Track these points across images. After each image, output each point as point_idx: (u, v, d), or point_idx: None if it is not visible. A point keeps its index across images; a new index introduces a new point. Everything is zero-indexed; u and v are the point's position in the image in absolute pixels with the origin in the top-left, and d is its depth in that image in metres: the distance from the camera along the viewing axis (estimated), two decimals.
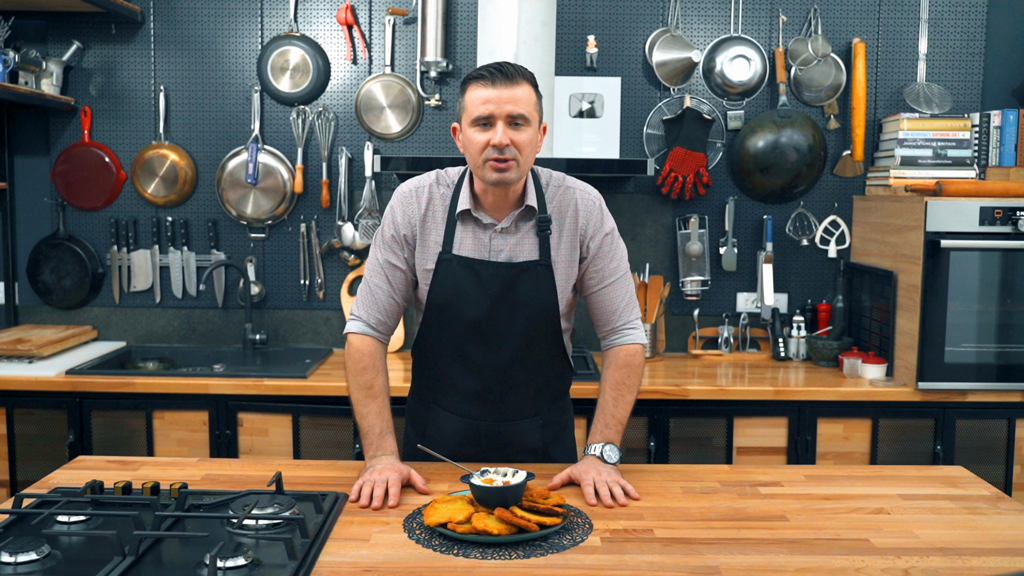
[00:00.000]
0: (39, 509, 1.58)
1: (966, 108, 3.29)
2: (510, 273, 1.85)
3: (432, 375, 1.98)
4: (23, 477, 2.84)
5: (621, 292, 1.94)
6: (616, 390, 1.91)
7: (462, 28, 3.27)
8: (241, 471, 1.91)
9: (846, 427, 2.83)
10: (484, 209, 1.87)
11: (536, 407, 1.98)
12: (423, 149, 3.30)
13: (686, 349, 3.36)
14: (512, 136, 1.75)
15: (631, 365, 1.93)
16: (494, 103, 1.74)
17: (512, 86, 1.75)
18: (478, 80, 1.76)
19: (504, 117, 1.74)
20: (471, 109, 1.77)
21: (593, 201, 1.91)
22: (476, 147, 1.77)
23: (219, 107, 3.32)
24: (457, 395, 1.95)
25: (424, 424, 2.02)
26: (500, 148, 1.74)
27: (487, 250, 1.86)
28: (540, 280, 1.86)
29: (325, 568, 1.42)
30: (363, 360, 1.89)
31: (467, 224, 1.87)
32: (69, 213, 3.36)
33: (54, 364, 2.95)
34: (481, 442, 1.96)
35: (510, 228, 1.86)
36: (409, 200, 1.89)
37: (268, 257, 3.37)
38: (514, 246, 1.86)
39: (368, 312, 1.92)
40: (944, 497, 1.79)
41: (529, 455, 1.98)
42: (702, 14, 3.30)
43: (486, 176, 1.78)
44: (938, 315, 2.77)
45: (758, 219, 3.35)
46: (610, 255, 1.92)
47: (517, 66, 1.78)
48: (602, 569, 1.43)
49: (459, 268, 1.85)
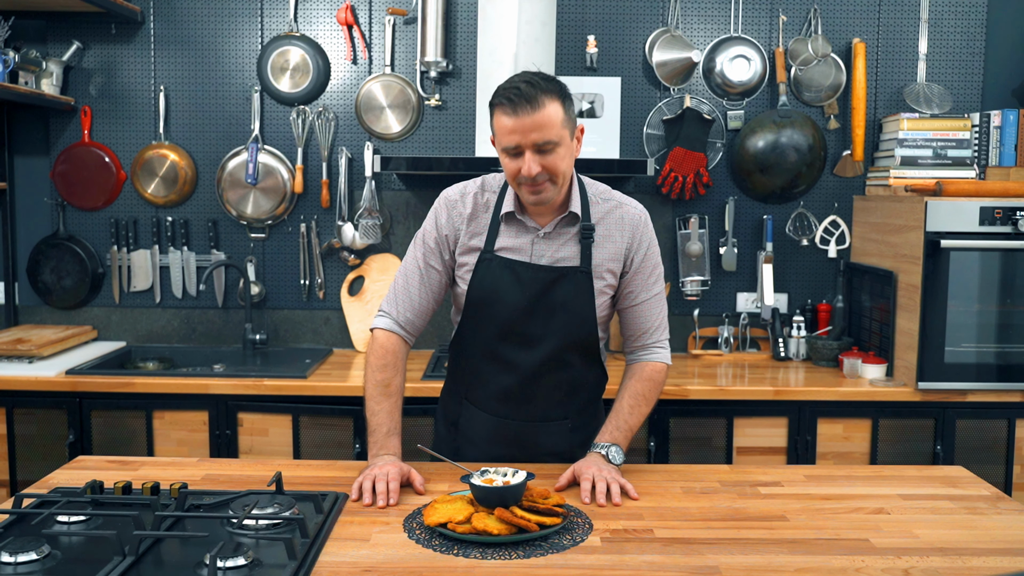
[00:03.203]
0: (39, 509, 1.58)
1: (966, 108, 3.29)
2: (550, 277, 1.86)
3: (466, 372, 1.99)
4: (23, 477, 2.84)
5: (656, 311, 1.96)
6: (635, 399, 1.92)
7: (462, 28, 3.27)
8: (241, 471, 1.91)
9: (846, 427, 2.83)
10: (528, 213, 1.88)
11: (566, 411, 1.98)
12: (423, 149, 3.31)
13: (686, 349, 3.36)
14: (542, 162, 1.74)
15: (655, 380, 1.95)
16: (519, 133, 1.72)
17: (535, 111, 1.70)
18: (500, 107, 1.74)
19: (530, 146, 1.73)
20: (499, 136, 1.76)
21: (640, 217, 1.93)
22: (510, 173, 1.79)
23: (219, 107, 3.32)
24: (488, 393, 1.96)
25: (456, 419, 2.03)
26: (531, 177, 1.74)
27: (529, 253, 1.88)
28: (579, 286, 1.87)
29: (325, 568, 1.42)
30: (386, 357, 1.90)
31: (511, 226, 1.88)
32: (69, 213, 3.36)
33: (54, 364, 2.95)
34: (510, 441, 1.97)
35: (552, 233, 1.88)
36: (455, 204, 1.91)
37: (268, 257, 3.37)
38: (556, 251, 1.88)
39: (399, 311, 1.93)
40: (944, 497, 1.79)
41: (555, 458, 1.98)
42: (702, 14, 3.30)
43: (525, 198, 1.82)
44: (938, 315, 2.77)
45: (758, 219, 3.35)
46: (651, 273, 1.94)
47: (539, 82, 1.73)
48: (602, 569, 1.43)
49: (499, 268, 1.87)
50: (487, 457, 1.95)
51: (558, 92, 1.75)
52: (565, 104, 1.76)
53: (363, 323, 3.32)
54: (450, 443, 2.03)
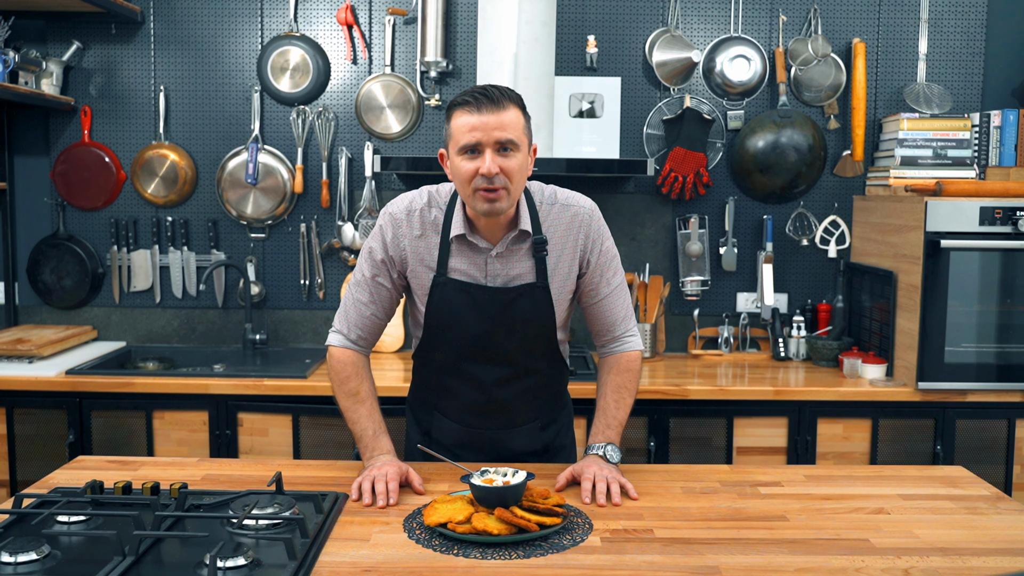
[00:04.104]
0: (39, 509, 1.58)
1: (966, 108, 3.29)
2: (507, 297, 1.83)
3: (433, 385, 1.98)
4: (23, 477, 2.84)
5: (620, 303, 1.93)
6: (617, 393, 1.92)
7: (462, 28, 3.27)
8: (241, 471, 1.91)
9: (846, 427, 2.83)
10: (479, 233, 1.83)
11: (536, 413, 1.99)
12: (423, 149, 3.30)
13: (686, 349, 3.36)
14: (501, 163, 1.69)
15: (631, 370, 1.94)
16: (481, 130, 1.68)
17: (499, 111, 1.68)
18: (463, 106, 1.70)
19: (492, 144, 1.68)
20: (457, 137, 1.71)
21: (590, 214, 1.88)
22: (464, 176, 1.71)
23: (219, 107, 3.32)
24: (459, 405, 1.95)
25: (427, 427, 2.03)
26: (490, 177, 1.68)
27: (483, 274, 1.83)
28: (537, 301, 1.85)
29: (325, 568, 1.42)
30: (345, 370, 1.90)
31: (462, 246, 1.83)
32: (69, 213, 3.36)
33: (54, 364, 2.95)
34: (483, 447, 1.98)
35: (504, 252, 1.83)
36: (400, 223, 1.84)
37: (268, 257, 3.37)
38: (510, 269, 1.83)
39: (349, 328, 1.91)
40: (944, 497, 1.79)
41: (530, 456, 2.00)
42: (702, 14, 3.29)
43: (477, 206, 1.73)
44: (938, 315, 2.77)
45: (758, 219, 3.35)
46: (608, 267, 1.91)
47: (504, 89, 1.72)
48: (602, 569, 1.43)
49: (454, 291, 1.83)
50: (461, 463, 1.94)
51: (518, 101, 1.74)
52: (524, 115, 1.75)
53: None
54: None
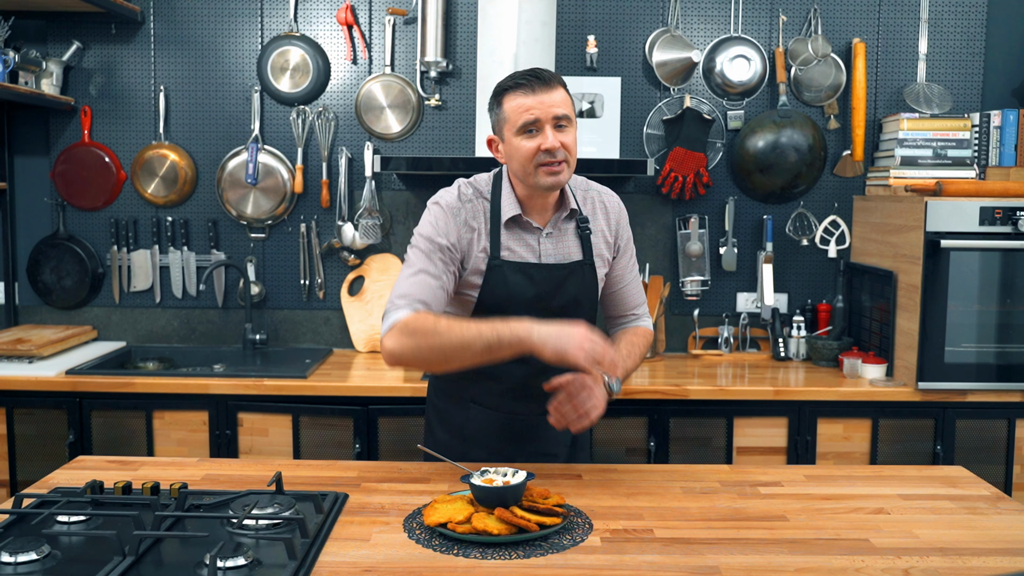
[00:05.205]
0: (39, 509, 1.58)
1: (966, 108, 3.29)
2: (561, 274, 1.91)
3: (475, 374, 1.89)
4: (23, 477, 2.84)
5: (639, 289, 2.08)
6: (630, 347, 1.98)
7: (462, 28, 3.27)
8: (241, 471, 1.91)
9: (846, 427, 2.83)
10: (528, 213, 1.90)
11: None
12: (423, 149, 3.31)
13: (686, 349, 3.36)
14: (560, 138, 1.79)
15: (646, 337, 2.04)
16: (538, 108, 1.77)
17: (551, 90, 1.79)
18: (516, 89, 1.80)
19: (550, 120, 1.78)
20: (514, 118, 1.79)
21: (619, 204, 2.02)
22: (526, 154, 1.79)
23: (219, 107, 3.32)
24: (500, 389, 1.95)
25: (461, 424, 2.01)
26: (552, 151, 1.77)
27: (536, 253, 1.91)
28: (585, 279, 1.94)
29: (325, 568, 1.42)
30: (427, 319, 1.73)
31: (512, 230, 1.89)
32: (69, 213, 3.36)
33: (54, 364, 2.95)
34: (520, 437, 1.99)
35: (553, 232, 1.92)
36: (457, 212, 1.86)
37: (268, 257, 3.37)
38: (560, 247, 1.92)
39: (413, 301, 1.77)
40: (944, 497, 1.79)
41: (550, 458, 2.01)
42: (702, 14, 3.29)
43: (540, 182, 1.81)
44: (938, 315, 2.77)
45: (758, 219, 3.35)
46: (631, 253, 2.05)
47: (549, 71, 1.83)
48: (602, 569, 1.43)
49: (510, 272, 1.88)
50: (498, 458, 1.95)
51: (563, 82, 1.85)
52: (569, 94, 1.85)
53: (363, 323, 3.32)
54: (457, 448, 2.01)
